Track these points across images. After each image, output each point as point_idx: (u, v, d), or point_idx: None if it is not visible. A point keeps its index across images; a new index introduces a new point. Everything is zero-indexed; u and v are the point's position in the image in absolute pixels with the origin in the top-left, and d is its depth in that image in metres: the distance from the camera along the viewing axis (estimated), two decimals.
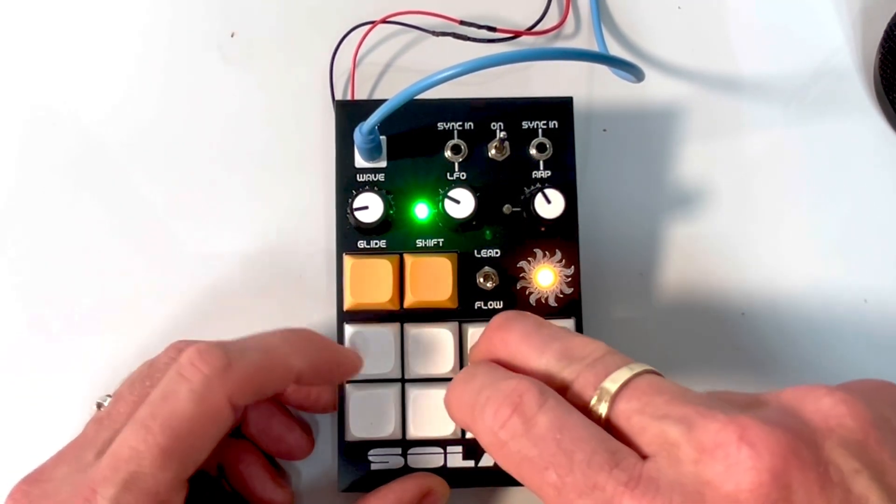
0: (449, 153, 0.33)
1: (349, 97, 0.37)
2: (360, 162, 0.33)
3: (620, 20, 0.39)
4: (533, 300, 0.32)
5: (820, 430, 0.20)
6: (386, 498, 0.30)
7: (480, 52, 0.38)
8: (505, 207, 0.33)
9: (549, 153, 0.33)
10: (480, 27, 0.38)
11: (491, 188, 0.33)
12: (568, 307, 0.32)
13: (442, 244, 0.33)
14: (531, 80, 0.38)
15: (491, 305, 0.32)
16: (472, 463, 0.32)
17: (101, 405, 0.28)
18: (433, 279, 0.32)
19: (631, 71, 0.30)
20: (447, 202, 0.32)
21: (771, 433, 0.19)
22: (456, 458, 0.32)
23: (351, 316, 0.32)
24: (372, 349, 0.32)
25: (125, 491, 0.23)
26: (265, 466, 0.32)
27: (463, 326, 0.32)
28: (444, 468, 0.32)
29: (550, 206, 0.32)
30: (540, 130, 0.33)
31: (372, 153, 0.32)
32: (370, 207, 0.32)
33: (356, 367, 0.30)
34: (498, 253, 0.33)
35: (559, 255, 0.33)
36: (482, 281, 0.32)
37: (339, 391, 0.32)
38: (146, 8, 0.39)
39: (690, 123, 0.38)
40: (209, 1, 0.39)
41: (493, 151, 0.33)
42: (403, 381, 0.32)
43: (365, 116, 0.30)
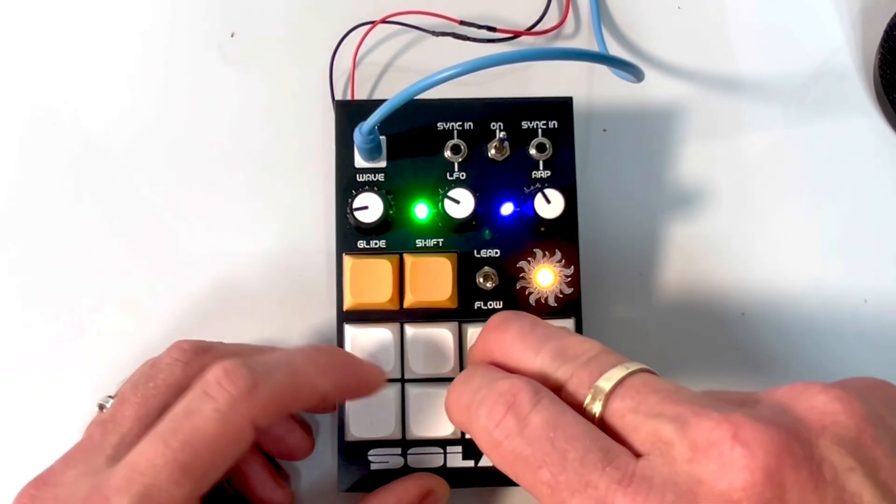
0: (449, 153, 0.33)
1: (349, 97, 0.37)
2: (359, 162, 0.33)
3: (620, 20, 0.39)
4: (533, 300, 0.32)
5: (814, 427, 0.20)
6: (386, 499, 0.30)
7: (480, 52, 0.38)
8: (505, 207, 0.33)
9: (548, 153, 0.33)
10: (480, 27, 0.38)
11: (491, 188, 0.33)
12: (568, 307, 0.32)
13: (442, 244, 0.33)
14: (531, 80, 0.38)
15: (491, 305, 0.32)
16: (471, 463, 0.32)
17: (102, 406, 0.28)
18: (433, 279, 0.32)
19: (631, 71, 0.30)
20: (447, 202, 0.32)
21: (764, 432, 0.19)
22: (456, 457, 0.32)
23: (351, 316, 0.32)
24: (372, 349, 0.32)
25: (139, 503, 0.23)
26: (265, 466, 0.32)
27: (463, 326, 0.32)
28: (443, 468, 0.32)
29: (550, 205, 0.32)
30: (540, 130, 0.33)
31: (372, 153, 0.32)
32: (370, 207, 0.32)
33: (379, 382, 0.29)
34: (498, 253, 0.33)
35: (559, 255, 0.33)
36: (482, 281, 0.32)
37: None
38: (146, 8, 0.39)
39: (690, 123, 0.38)
40: (209, 1, 0.39)
41: (492, 151, 0.33)
42: (403, 380, 0.32)
43: (365, 116, 0.30)
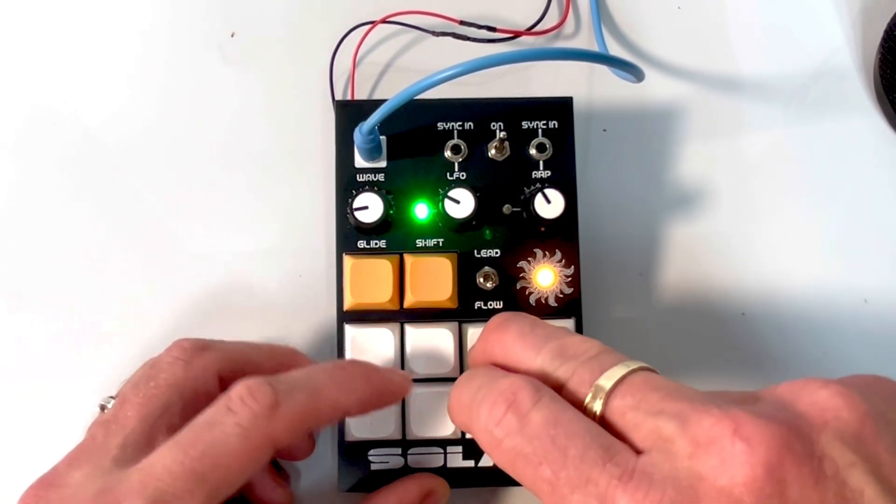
0: (449, 153, 0.33)
1: (349, 97, 0.37)
2: (359, 162, 0.33)
3: (620, 20, 0.39)
4: (533, 300, 0.32)
5: (815, 423, 0.20)
6: (387, 499, 0.30)
7: (480, 52, 0.38)
8: (505, 207, 0.33)
9: (548, 153, 0.33)
10: (480, 27, 0.38)
11: (491, 188, 0.33)
12: (568, 307, 0.32)
13: (442, 244, 0.33)
14: (531, 80, 0.38)
15: (491, 305, 0.32)
16: (472, 463, 0.32)
17: (104, 407, 0.28)
18: (433, 279, 0.32)
19: (631, 71, 0.30)
20: (447, 202, 0.32)
21: (765, 427, 0.19)
22: (456, 458, 0.32)
23: (351, 316, 0.32)
24: (372, 349, 0.32)
25: None
26: (266, 466, 0.32)
27: (463, 326, 0.32)
28: (444, 468, 0.32)
29: (550, 206, 0.32)
30: (540, 130, 0.33)
31: (372, 153, 0.32)
32: (370, 207, 0.32)
33: (404, 389, 0.29)
34: (498, 253, 0.33)
35: (559, 254, 0.33)
36: (482, 281, 0.32)
37: None
38: (146, 8, 0.39)
39: (690, 123, 0.38)
40: (209, 1, 0.39)
41: (492, 151, 0.33)
42: None
43: (365, 116, 0.30)
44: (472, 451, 0.32)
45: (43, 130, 0.37)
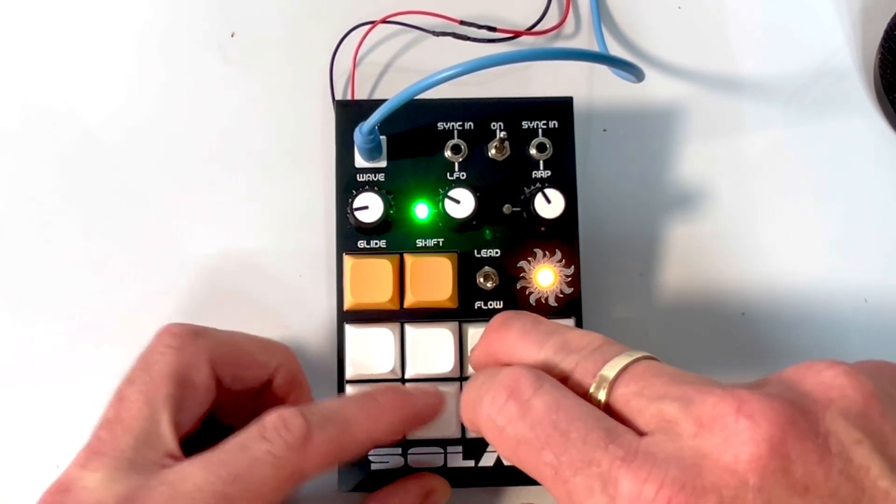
0: (449, 153, 0.33)
1: (349, 97, 0.37)
2: (360, 162, 0.33)
3: (620, 20, 0.39)
4: (533, 300, 0.32)
5: (820, 401, 0.20)
6: (388, 500, 0.30)
7: (480, 52, 0.38)
8: (505, 207, 0.33)
9: (549, 153, 0.33)
10: (480, 27, 0.38)
11: (491, 188, 0.33)
12: (568, 307, 0.32)
13: (442, 244, 0.33)
14: (531, 80, 0.38)
15: (491, 305, 0.32)
16: (472, 462, 0.32)
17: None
18: (433, 279, 0.32)
19: (631, 71, 0.30)
20: (447, 202, 0.32)
21: (769, 404, 0.19)
22: (456, 457, 0.32)
23: (351, 316, 0.32)
24: (372, 349, 0.32)
25: None
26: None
27: (463, 326, 0.32)
28: (444, 468, 0.32)
29: (550, 205, 0.32)
30: (540, 130, 0.33)
31: (372, 153, 0.32)
32: (370, 207, 0.32)
33: (437, 409, 0.29)
34: (498, 253, 0.33)
35: (559, 254, 0.33)
36: (482, 281, 0.32)
37: (339, 391, 0.32)
38: (146, 8, 0.39)
39: (690, 123, 0.38)
40: (209, 1, 0.39)
41: (493, 151, 0.33)
42: (404, 381, 0.32)
43: (365, 116, 0.30)
44: (472, 450, 0.32)
45: (43, 130, 0.37)
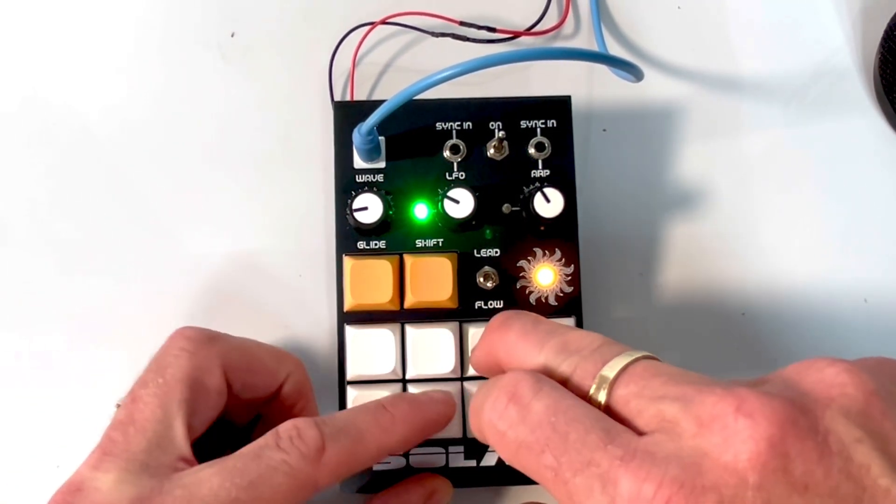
0: (448, 153, 0.33)
1: (348, 98, 0.37)
2: (359, 162, 0.33)
3: (620, 20, 0.39)
4: (533, 299, 0.32)
5: (820, 399, 0.20)
6: (390, 501, 0.30)
7: (480, 52, 0.38)
8: (504, 207, 0.33)
9: (547, 152, 0.33)
10: (480, 28, 0.38)
11: (490, 188, 0.33)
12: (568, 306, 0.32)
13: (442, 244, 0.33)
14: (531, 80, 0.38)
15: (491, 305, 0.32)
16: (473, 462, 0.32)
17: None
18: (433, 279, 0.32)
19: (630, 71, 0.30)
20: (446, 202, 0.32)
21: (768, 403, 0.19)
22: (458, 457, 0.32)
23: (351, 317, 0.32)
24: (372, 350, 0.32)
25: None
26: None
27: (463, 326, 0.32)
28: (446, 468, 0.32)
29: (550, 204, 0.32)
30: (538, 129, 0.33)
31: (371, 154, 0.32)
32: (369, 208, 0.32)
33: (447, 419, 0.29)
34: (498, 252, 0.33)
35: (559, 253, 0.33)
36: (482, 280, 0.32)
37: (339, 392, 0.32)
38: (146, 8, 0.39)
39: (690, 123, 0.38)
40: (209, 1, 0.39)
41: (491, 151, 0.33)
42: (404, 381, 0.32)
43: (364, 117, 0.30)
44: (473, 450, 0.32)
45: (42, 130, 0.37)
